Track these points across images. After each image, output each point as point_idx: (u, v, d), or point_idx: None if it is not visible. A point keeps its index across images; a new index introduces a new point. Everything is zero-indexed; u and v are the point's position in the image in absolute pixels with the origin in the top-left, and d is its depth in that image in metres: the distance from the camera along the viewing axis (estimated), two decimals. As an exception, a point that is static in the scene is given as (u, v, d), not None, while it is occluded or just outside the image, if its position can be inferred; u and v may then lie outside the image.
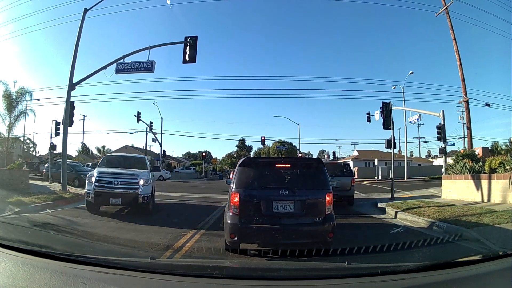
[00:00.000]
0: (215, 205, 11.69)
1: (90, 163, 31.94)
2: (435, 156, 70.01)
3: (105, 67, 13.66)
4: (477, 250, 5.05)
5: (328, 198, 4.65)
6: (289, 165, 5.20)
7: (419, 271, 1.79)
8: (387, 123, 12.93)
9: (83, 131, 53.39)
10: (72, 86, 14.06)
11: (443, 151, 19.65)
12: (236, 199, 4.53)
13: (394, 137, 13.38)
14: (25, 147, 50.43)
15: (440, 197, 12.72)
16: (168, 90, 73.51)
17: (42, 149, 57.27)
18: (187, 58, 12.66)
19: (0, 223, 6.02)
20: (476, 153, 17.47)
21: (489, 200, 10.37)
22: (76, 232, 6.17)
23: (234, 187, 4.67)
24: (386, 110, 13.01)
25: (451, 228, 6.53)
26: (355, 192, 18.91)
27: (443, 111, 19.88)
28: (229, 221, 4.56)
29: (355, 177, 19.74)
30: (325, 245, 4.42)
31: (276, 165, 5.13)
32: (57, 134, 17.78)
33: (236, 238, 4.45)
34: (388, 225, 8.04)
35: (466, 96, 21.76)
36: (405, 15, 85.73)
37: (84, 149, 58.27)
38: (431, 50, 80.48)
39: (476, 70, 60.97)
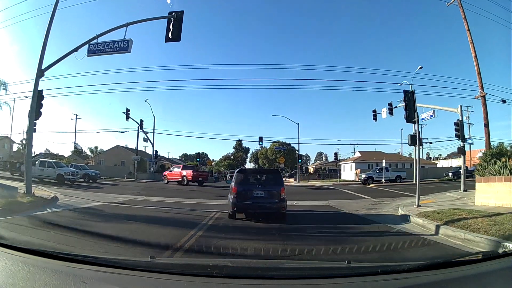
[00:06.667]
0: (203, 215, 9.18)
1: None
2: (437, 158, 68.37)
3: (76, 49, 12.10)
4: None
5: (282, 190, 8.56)
6: (262, 173, 11.45)
7: (419, 270, 1.83)
8: (410, 115, 10.79)
9: (75, 131, 51.45)
10: (41, 72, 12.21)
11: (461, 150, 17.74)
12: (235, 189, 8.46)
13: (419, 131, 11.25)
14: (21, 147, 48.49)
15: (474, 203, 10.65)
16: (164, 88, 70.57)
17: (35, 149, 54.87)
18: (170, 36, 10.82)
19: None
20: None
21: (541, 207, 8.33)
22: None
23: (233, 183, 8.71)
24: (408, 100, 10.87)
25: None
26: (363, 197, 16.66)
27: (461, 106, 18.17)
28: (231, 201, 8.42)
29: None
30: (280, 214, 8.50)
31: (256, 173, 11.98)
32: (33, 130, 15.54)
33: (235, 209, 8.40)
34: (438, 246, 5.78)
35: (483, 91, 20.02)
36: (410, 13, 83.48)
37: (77, 150, 55.92)
38: (438, 45, 77.65)
39: (489, 63, 57.11)
